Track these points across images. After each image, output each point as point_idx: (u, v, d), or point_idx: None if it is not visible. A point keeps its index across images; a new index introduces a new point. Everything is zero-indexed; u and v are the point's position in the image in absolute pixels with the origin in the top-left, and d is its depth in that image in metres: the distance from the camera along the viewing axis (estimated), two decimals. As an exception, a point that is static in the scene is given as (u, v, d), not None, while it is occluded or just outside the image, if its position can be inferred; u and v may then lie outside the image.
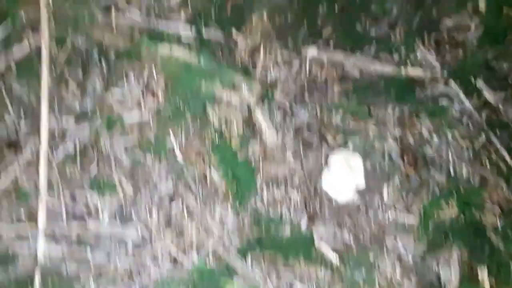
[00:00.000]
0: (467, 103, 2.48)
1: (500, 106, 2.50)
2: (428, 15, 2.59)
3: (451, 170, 2.34)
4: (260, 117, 2.16)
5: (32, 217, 1.98)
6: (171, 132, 2.12)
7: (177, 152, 2.12)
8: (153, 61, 2.10)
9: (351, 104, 2.33)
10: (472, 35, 2.62)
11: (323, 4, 2.39)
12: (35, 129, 2.03)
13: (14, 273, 1.90)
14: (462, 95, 2.49)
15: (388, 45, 2.48)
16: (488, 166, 2.40)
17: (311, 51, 2.33)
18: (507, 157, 2.38)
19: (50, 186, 2.01)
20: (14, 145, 2.03)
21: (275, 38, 2.28)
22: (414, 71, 2.45)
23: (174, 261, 2.03)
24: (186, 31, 2.16)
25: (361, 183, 2.20)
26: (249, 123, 2.19)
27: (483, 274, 2.06)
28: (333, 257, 2.05)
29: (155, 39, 2.06)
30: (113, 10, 2.09)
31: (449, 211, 2.17)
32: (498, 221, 2.26)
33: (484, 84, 2.51)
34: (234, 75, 2.09)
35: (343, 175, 2.20)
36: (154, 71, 2.12)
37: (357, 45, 2.43)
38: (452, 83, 2.49)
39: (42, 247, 1.86)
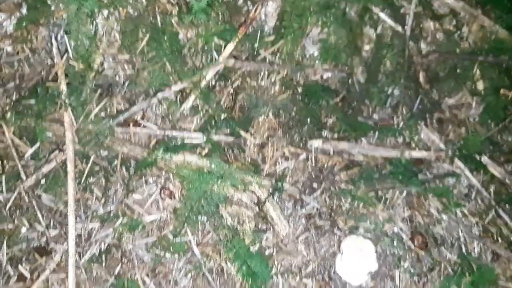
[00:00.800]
0: (474, 180, 2.55)
1: (507, 181, 2.56)
2: (429, 97, 2.71)
3: (463, 248, 2.38)
4: (271, 210, 2.28)
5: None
6: (188, 231, 2.26)
7: (194, 247, 2.25)
8: (168, 168, 2.27)
9: (359, 190, 2.43)
10: (474, 112, 2.73)
11: (325, 97, 2.54)
12: (63, 235, 2.20)
13: None
14: (468, 172, 2.56)
15: (392, 129, 2.60)
16: (500, 241, 2.43)
17: (316, 143, 2.47)
18: (517, 231, 2.42)
19: (78, 286, 2.15)
20: (44, 251, 2.20)
21: (281, 134, 2.44)
22: (418, 153, 2.56)
23: None
24: (197, 137, 2.35)
25: (373, 266, 2.26)
26: (261, 216, 2.31)
27: None
28: None
29: (169, 147, 2.24)
30: (130, 124, 2.30)
31: (462, 292, 2.19)
32: (513, 297, 2.28)
33: (489, 159, 2.59)
34: (244, 174, 2.23)
35: (356, 260, 2.27)
36: (170, 176, 2.30)
37: (361, 132, 2.56)
38: (457, 161, 2.58)
39: None
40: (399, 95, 2.67)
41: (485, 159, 2.58)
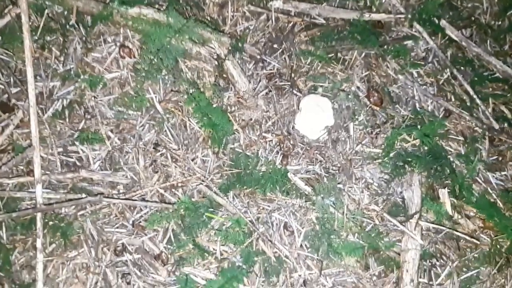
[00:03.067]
0: (431, 43, 2.61)
1: (464, 43, 2.63)
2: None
3: (417, 105, 2.49)
4: (232, 68, 2.32)
5: (30, 169, 2.19)
6: (149, 88, 2.29)
7: (157, 104, 2.30)
8: (126, 22, 2.25)
9: (318, 50, 2.47)
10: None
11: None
12: (25, 92, 2.21)
13: (18, 218, 2.11)
14: (426, 35, 2.62)
15: (354, -9, 2.61)
16: (453, 100, 2.55)
17: (277, 3, 2.47)
18: (471, 91, 2.52)
19: (43, 140, 2.20)
20: (6, 107, 2.23)
21: (241, -8, 2.42)
22: (378, 16, 2.58)
23: (162, 200, 2.23)
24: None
25: (330, 121, 2.36)
26: (222, 74, 2.35)
27: (444, 195, 2.23)
28: (306, 188, 2.22)
29: (125, 0, 2.21)
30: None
31: (412, 141, 2.32)
32: (461, 148, 2.42)
33: (448, 23, 2.64)
34: (203, 30, 2.23)
35: (314, 116, 2.35)
36: (129, 34, 2.29)
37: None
38: (416, 24, 2.62)
39: (40, 194, 2.06)
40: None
41: (443, 22, 2.62)
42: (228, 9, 2.42)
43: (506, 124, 2.50)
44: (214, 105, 2.29)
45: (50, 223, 2.12)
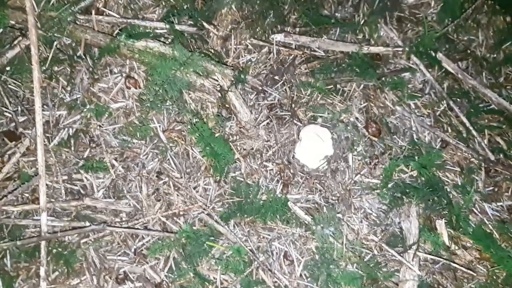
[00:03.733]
0: (428, 75, 2.69)
1: (460, 76, 2.70)
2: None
3: (414, 136, 2.54)
4: (234, 99, 2.38)
5: (35, 197, 2.23)
6: (154, 118, 2.35)
7: (160, 133, 2.36)
8: (132, 55, 2.32)
9: (318, 82, 2.53)
10: (432, 11, 2.83)
11: (288, -9, 2.58)
12: (32, 120, 2.27)
13: (22, 245, 2.15)
14: (423, 68, 2.69)
15: (352, 25, 2.68)
16: (449, 131, 2.60)
17: (279, 36, 2.54)
18: (467, 122, 2.58)
19: (48, 168, 2.25)
20: (13, 135, 2.28)
21: (244, 27, 2.50)
22: (376, 49, 2.65)
23: (164, 228, 2.26)
24: (160, 26, 2.38)
25: (329, 151, 2.41)
26: (224, 104, 2.41)
27: (441, 226, 2.27)
28: (306, 217, 2.26)
29: (132, 34, 2.28)
30: (93, 11, 2.32)
31: (409, 172, 2.37)
32: (458, 179, 2.47)
33: (444, 56, 2.71)
34: (207, 62, 2.30)
35: (313, 145, 2.41)
36: (135, 66, 2.36)
37: (323, 27, 2.63)
38: (414, 57, 2.69)
39: (45, 222, 2.10)
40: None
41: (440, 55, 2.70)
42: (231, 42, 2.49)
43: (501, 155, 2.55)
44: (217, 135, 2.34)
45: (54, 251, 2.16)
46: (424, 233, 2.25)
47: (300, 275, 2.25)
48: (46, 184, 2.19)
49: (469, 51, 2.81)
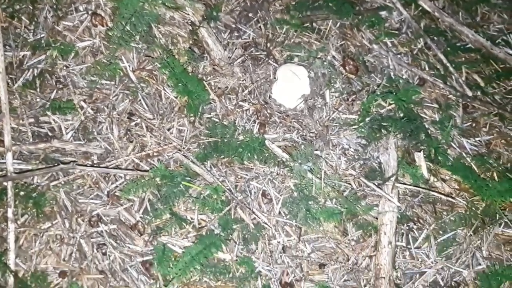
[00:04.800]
0: (405, 13, 2.64)
1: (436, 14, 2.66)
2: None
3: (391, 74, 2.50)
4: (206, 35, 2.30)
5: (0, 139, 2.13)
6: (123, 57, 2.25)
7: (130, 73, 2.26)
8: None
9: (293, 19, 2.46)
10: None
11: None
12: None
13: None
14: (400, 6, 2.65)
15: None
16: (427, 69, 2.57)
17: (252, -29, 2.45)
18: (444, 60, 2.55)
19: (13, 111, 2.14)
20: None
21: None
22: (352, -15, 2.59)
23: (137, 169, 2.19)
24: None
25: (306, 90, 2.36)
26: (196, 42, 2.33)
27: (420, 159, 2.24)
28: (284, 155, 2.21)
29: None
30: None
31: (387, 106, 2.33)
32: (436, 115, 2.45)
33: (421, -6, 2.67)
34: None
35: (290, 84, 2.35)
36: (101, 2, 2.24)
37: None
38: (390, -5, 2.64)
39: (11, 161, 2.01)
40: None
41: (417, -7, 2.65)
42: (203, -23, 2.39)
43: (479, 92, 2.54)
44: (190, 73, 2.26)
45: (22, 193, 2.06)
46: (403, 166, 2.23)
47: (279, 212, 2.21)
48: (12, 128, 2.09)
49: (446, -10, 2.77)
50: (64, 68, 2.23)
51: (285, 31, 2.46)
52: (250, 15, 2.45)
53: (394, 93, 2.35)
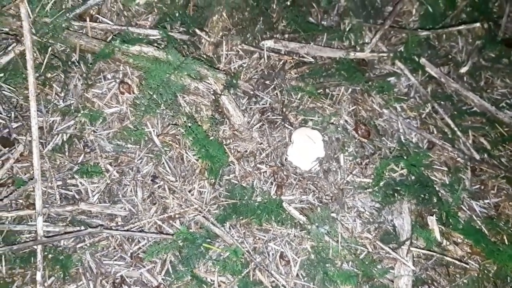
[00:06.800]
0: (413, 79, 2.78)
1: (443, 80, 2.81)
2: (373, 5, 2.89)
3: (402, 138, 2.62)
4: (227, 103, 2.42)
5: (29, 203, 2.21)
6: (148, 123, 2.37)
7: (155, 137, 2.37)
8: (126, 60, 2.34)
9: (308, 86, 2.60)
10: (414, 19, 2.94)
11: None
12: (25, 126, 2.27)
13: (17, 251, 2.12)
14: (407, 72, 2.79)
15: (339, 33, 2.77)
16: (435, 132, 2.69)
17: (269, 42, 2.60)
18: (451, 124, 2.68)
19: (42, 174, 2.23)
20: (7, 141, 2.27)
21: (235, 33, 2.55)
22: (362, 54, 2.74)
23: (160, 231, 2.26)
24: (153, 33, 2.42)
25: (321, 153, 2.46)
26: (217, 109, 2.45)
27: (432, 222, 2.32)
28: (301, 217, 2.29)
29: (126, 40, 2.31)
30: (87, 18, 2.35)
31: (399, 170, 2.43)
32: (446, 177, 2.54)
33: (427, 61, 2.82)
34: (200, 67, 2.34)
35: (305, 148, 2.46)
36: (128, 71, 2.38)
37: (311, 34, 2.71)
38: (398, 62, 2.79)
39: (41, 225, 2.08)
40: (346, 3, 2.82)
41: (423, 60, 2.80)
42: (223, 48, 2.54)
43: (486, 155, 2.64)
44: (211, 138, 2.37)
45: (50, 256, 2.13)
46: (416, 230, 2.30)
47: (297, 274, 2.26)
48: (41, 191, 2.18)
49: (450, 57, 2.92)
50: (92, 133, 2.34)
51: (300, 97, 2.58)
52: (267, 82, 2.58)
53: (405, 158, 2.46)
